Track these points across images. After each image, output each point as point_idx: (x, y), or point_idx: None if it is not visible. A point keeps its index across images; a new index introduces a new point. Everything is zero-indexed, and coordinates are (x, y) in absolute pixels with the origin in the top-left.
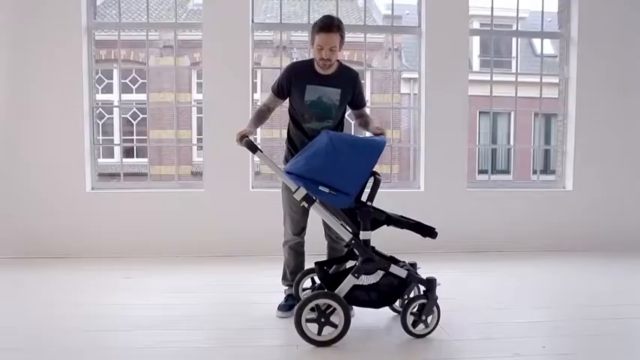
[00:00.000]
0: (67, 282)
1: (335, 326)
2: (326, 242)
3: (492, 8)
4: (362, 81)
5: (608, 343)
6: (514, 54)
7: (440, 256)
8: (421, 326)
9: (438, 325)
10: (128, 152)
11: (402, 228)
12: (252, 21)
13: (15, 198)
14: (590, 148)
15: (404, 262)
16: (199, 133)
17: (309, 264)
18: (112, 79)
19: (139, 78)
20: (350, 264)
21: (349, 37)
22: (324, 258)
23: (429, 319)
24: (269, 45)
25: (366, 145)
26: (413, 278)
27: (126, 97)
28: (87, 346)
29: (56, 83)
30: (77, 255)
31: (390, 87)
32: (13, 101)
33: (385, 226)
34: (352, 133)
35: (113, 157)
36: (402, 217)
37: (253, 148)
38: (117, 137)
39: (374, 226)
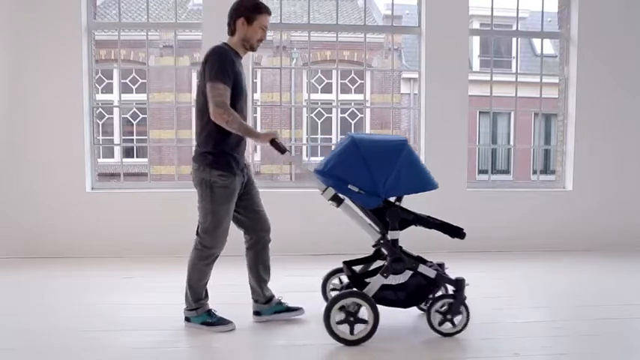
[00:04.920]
0: (66, 282)
1: (365, 322)
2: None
3: (492, 8)
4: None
5: (608, 343)
6: (514, 54)
7: (440, 256)
8: (448, 325)
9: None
10: (128, 152)
11: (429, 228)
12: None
13: (15, 198)
14: (590, 148)
15: (431, 262)
16: None
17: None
18: (112, 79)
19: (139, 78)
20: (377, 264)
21: (349, 37)
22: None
23: (458, 318)
24: (269, 45)
25: (388, 146)
26: (442, 278)
27: (126, 97)
28: (87, 346)
29: (56, 83)
30: (77, 255)
31: (390, 87)
32: (13, 101)
33: (413, 226)
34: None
35: (113, 157)
36: (429, 217)
37: (282, 148)
38: (117, 137)
39: (402, 226)
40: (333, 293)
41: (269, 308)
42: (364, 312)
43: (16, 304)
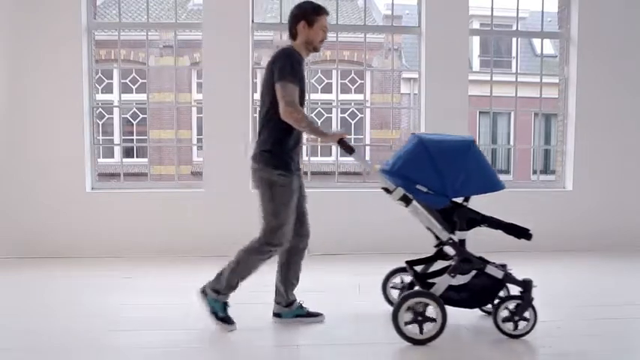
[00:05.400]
0: (66, 282)
1: (434, 320)
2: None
3: (492, 8)
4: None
5: (608, 343)
6: (514, 54)
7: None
8: (514, 326)
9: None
10: (128, 152)
11: (496, 228)
12: (252, 21)
13: (15, 198)
14: (590, 148)
15: (494, 263)
16: (199, 133)
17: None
18: (112, 79)
19: (139, 78)
20: (438, 264)
21: (349, 37)
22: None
23: (525, 319)
24: (269, 45)
25: (456, 146)
26: (509, 279)
27: (126, 97)
28: (87, 346)
29: (56, 83)
30: (77, 255)
31: (390, 87)
32: (13, 101)
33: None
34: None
35: (113, 157)
36: (494, 218)
37: (351, 149)
38: (117, 137)
39: (469, 226)
40: (394, 292)
41: (290, 312)
42: (431, 311)
43: (16, 304)
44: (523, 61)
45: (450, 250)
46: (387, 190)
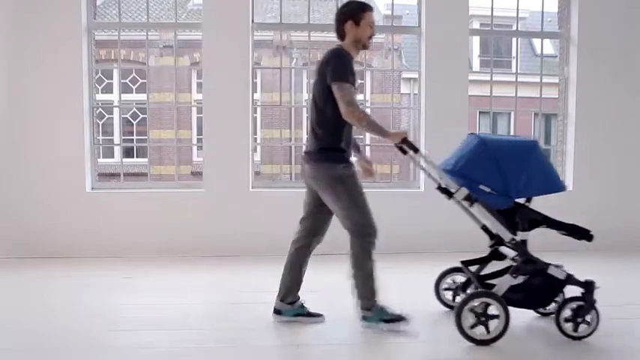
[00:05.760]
0: (66, 282)
1: (497, 316)
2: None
3: (492, 8)
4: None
5: (608, 343)
6: (514, 54)
7: (440, 256)
8: (578, 328)
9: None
10: (128, 152)
11: (558, 229)
12: (252, 21)
13: (15, 198)
14: (590, 148)
15: (550, 263)
16: (199, 133)
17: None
18: (112, 79)
19: (139, 78)
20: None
21: None
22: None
23: (587, 321)
24: (269, 45)
25: (519, 146)
26: (571, 280)
27: (126, 97)
28: (87, 346)
29: (56, 83)
30: (77, 255)
31: (390, 87)
32: (13, 101)
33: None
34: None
35: (113, 157)
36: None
37: (415, 147)
38: (117, 137)
39: (531, 226)
40: (447, 293)
41: (292, 310)
42: (492, 310)
43: (16, 304)
44: (523, 61)
45: (507, 250)
46: (443, 190)
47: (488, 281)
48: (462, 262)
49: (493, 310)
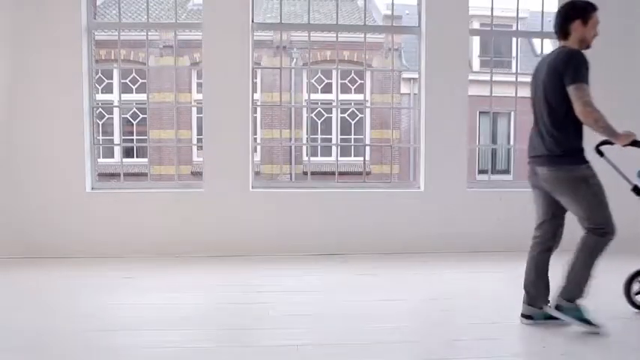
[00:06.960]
0: (66, 282)
1: None
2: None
3: (492, 8)
4: None
5: (608, 343)
6: (514, 54)
7: (440, 256)
8: None
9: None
10: (128, 152)
11: None
12: (252, 21)
13: (15, 198)
14: (590, 147)
15: None
16: (199, 133)
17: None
18: (112, 79)
19: (139, 78)
20: None
21: (349, 37)
22: None
23: None
24: (269, 45)
25: None
26: None
27: (126, 97)
28: (87, 346)
29: (56, 83)
30: (77, 255)
31: (390, 87)
32: (13, 101)
33: None
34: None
35: (113, 157)
36: None
37: None
38: (117, 137)
39: None
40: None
41: (542, 313)
42: None
43: (16, 304)
44: (523, 61)
45: None
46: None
47: None
48: None
49: None
